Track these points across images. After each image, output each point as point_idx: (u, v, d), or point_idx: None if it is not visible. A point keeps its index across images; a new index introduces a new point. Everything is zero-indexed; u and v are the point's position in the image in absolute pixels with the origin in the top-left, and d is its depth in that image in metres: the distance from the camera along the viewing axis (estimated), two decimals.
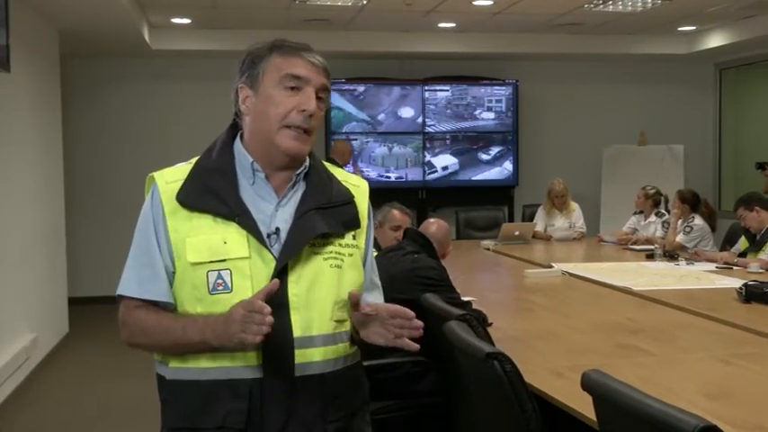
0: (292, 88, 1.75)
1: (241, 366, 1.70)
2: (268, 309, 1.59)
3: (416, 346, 1.72)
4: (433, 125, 9.15)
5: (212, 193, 1.74)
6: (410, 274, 3.43)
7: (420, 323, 1.73)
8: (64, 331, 7.15)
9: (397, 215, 4.37)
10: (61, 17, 6.56)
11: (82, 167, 8.70)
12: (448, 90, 9.18)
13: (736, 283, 4.21)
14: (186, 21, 7.82)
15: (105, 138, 8.85)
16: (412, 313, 1.72)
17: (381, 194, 5.55)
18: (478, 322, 2.77)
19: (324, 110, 1.81)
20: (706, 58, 9.43)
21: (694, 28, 8.60)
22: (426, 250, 3.67)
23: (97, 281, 8.46)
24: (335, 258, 1.77)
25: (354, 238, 1.83)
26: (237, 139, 1.83)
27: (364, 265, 1.87)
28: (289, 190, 1.79)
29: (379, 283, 1.96)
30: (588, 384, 1.77)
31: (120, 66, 8.78)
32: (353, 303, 1.70)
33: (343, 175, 1.92)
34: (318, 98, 1.77)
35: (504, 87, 9.26)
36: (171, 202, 1.74)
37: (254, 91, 1.78)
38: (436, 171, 9.16)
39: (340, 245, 1.79)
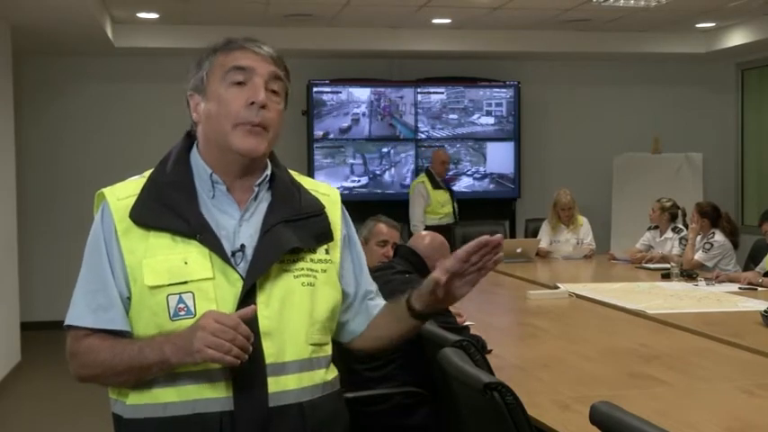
0: (239, 83, 1.76)
1: (208, 399, 1.69)
2: (247, 330, 1.59)
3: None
4: (427, 131, 9.17)
5: (170, 208, 1.74)
6: (400, 296, 3.43)
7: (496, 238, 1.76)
8: (15, 360, 7.10)
9: (384, 229, 4.36)
10: (13, 11, 6.55)
11: (37, 178, 8.68)
12: (443, 92, 9.21)
13: (761, 305, 4.22)
14: (153, 15, 7.83)
15: (64, 145, 8.83)
16: (486, 239, 1.75)
17: (369, 208, 5.56)
18: (477, 349, 2.77)
19: (281, 104, 1.81)
20: (727, 57, 9.50)
21: (714, 25, 8.67)
22: (419, 269, 3.67)
23: (53, 304, 8.39)
24: (307, 276, 1.78)
25: (328, 252, 1.84)
26: (194, 149, 1.84)
27: (355, 275, 1.91)
28: (252, 202, 1.80)
29: (376, 290, 2.02)
30: (598, 418, 1.78)
31: (80, 65, 8.78)
32: (436, 284, 1.76)
33: (311, 183, 1.94)
34: (272, 91, 1.78)
35: (504, 89, 9.31)
36: (124, 220, 1.74)
37: (202, 96, 1.80)
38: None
39: (312, 260, 1.80)
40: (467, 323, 3.78)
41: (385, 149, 9.09)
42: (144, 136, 8.74)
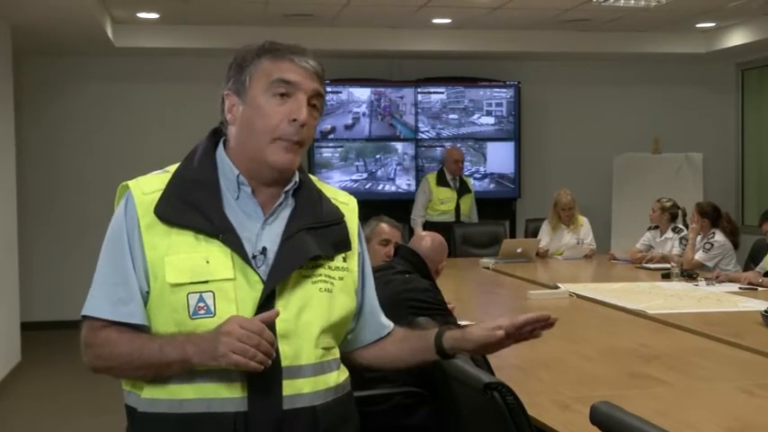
0: (282, 95, 1.76)
1: (224, 398, 1.70)
2: (271, 336, 1.61)
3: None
4: (427, 131, 9.17)
5: (194, 207, 1.74)
6: (400, 297, 3.43)
7: (554, 318, 1.92)
8: (15, 360, 7.10)
9: (386, 228, 4.39)
10: (13, 11, 6.55)
11: (38, 177, 8.67)
12: (443, 92, 9.21)
13: (761, 305, 4.23)
14: (153, 15, 7.82)
15: (64, 145, 8.82)
16: (545, 317, 1.89)
17: (370, 208, 5.56)
18: None
19: (317, 118, 1.82)
20: (727, 57, 9.50)
21: (714, 25, 8.67)
22: (419, 270, 3.67)
23: (53, 304, 8.41)
24: (325, 282, 1.79)
25: (345, 260, 1.85)
26: (221, 147, 1.84)
27: (362, 289, 1.92)
28: (276, 207, 1.81)
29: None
30: (598, 418, 1.78)
31: (80, 65, 8.77)
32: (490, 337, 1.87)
33: (331, 191, 1.94)
34: (311, 106, 1.79)
35: (504, 89, 9.30)
36: (148, 215, 1.74)
37: (240, 99, 1.79)
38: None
39: (330, 267, 1.81)
40: (466, 323, 3.78)
41: (385, 149, 9.09)
42: (144, 136, 8.75)
